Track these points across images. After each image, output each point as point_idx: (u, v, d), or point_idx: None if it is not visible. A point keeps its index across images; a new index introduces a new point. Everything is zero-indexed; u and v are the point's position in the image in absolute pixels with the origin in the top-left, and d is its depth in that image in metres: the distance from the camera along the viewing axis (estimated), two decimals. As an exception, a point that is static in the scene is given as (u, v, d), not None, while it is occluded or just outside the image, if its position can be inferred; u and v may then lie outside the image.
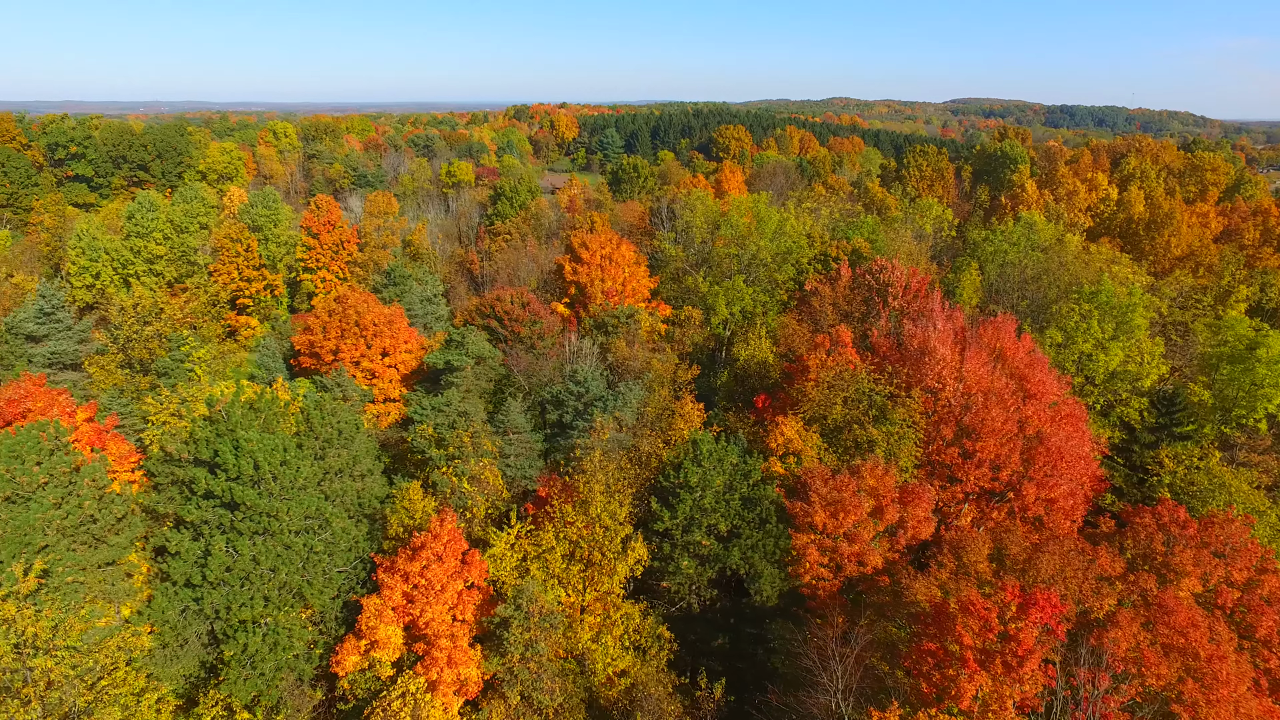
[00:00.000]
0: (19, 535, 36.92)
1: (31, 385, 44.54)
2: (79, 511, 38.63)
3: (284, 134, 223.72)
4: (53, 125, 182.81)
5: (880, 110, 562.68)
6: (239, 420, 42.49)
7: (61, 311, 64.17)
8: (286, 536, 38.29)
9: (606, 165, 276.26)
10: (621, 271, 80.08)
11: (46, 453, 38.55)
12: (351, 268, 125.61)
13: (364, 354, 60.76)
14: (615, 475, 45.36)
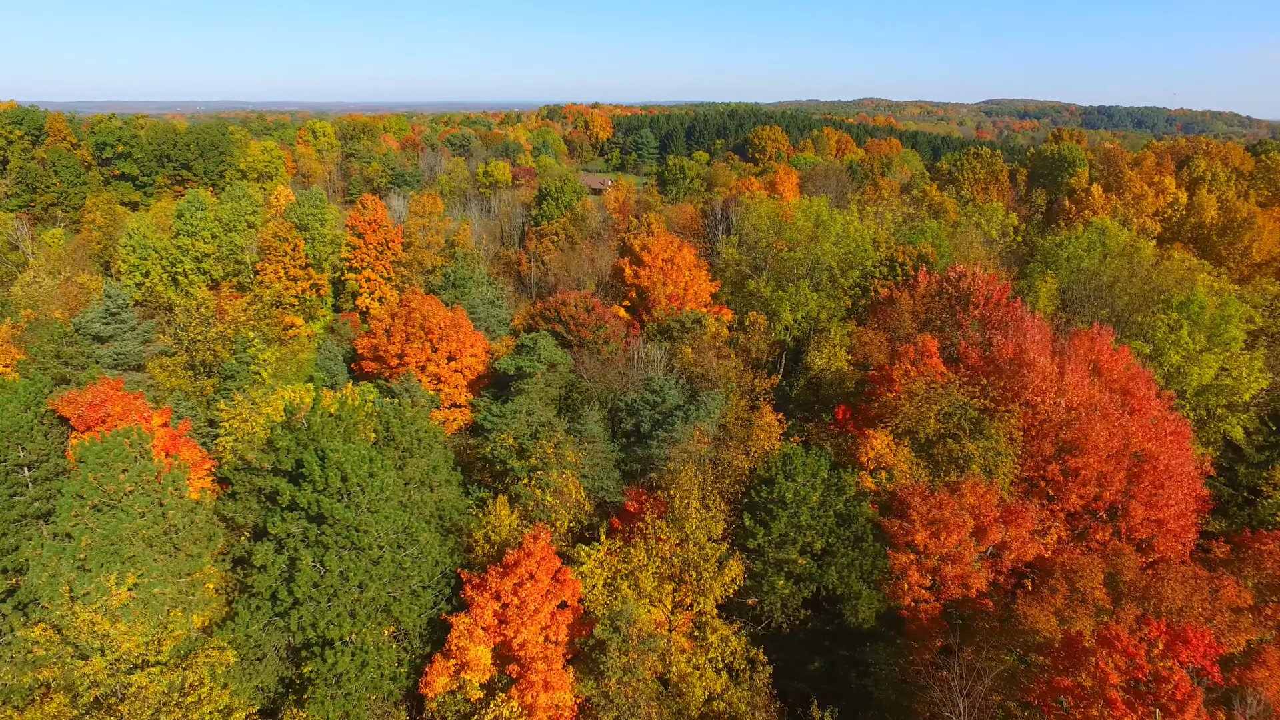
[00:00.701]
0: (107, 545, 35.90)
1: (109, 389, 43.61)
2: (163, 521, 37.56)
3: (322, 133, 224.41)
4: (100, 125, 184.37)
5: (912, 111, 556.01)
6: (320, 429, 41.28)
7: (126, 312, 63.57)
8: (375, 551, 36.93)
9: (642, 166, 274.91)
10: (683, 275, 78.42)
11: (131, 460, 37.51)
12: (396, 268, 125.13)
13: (430, 358, 59.52)
14: (709, 489, 43.61)
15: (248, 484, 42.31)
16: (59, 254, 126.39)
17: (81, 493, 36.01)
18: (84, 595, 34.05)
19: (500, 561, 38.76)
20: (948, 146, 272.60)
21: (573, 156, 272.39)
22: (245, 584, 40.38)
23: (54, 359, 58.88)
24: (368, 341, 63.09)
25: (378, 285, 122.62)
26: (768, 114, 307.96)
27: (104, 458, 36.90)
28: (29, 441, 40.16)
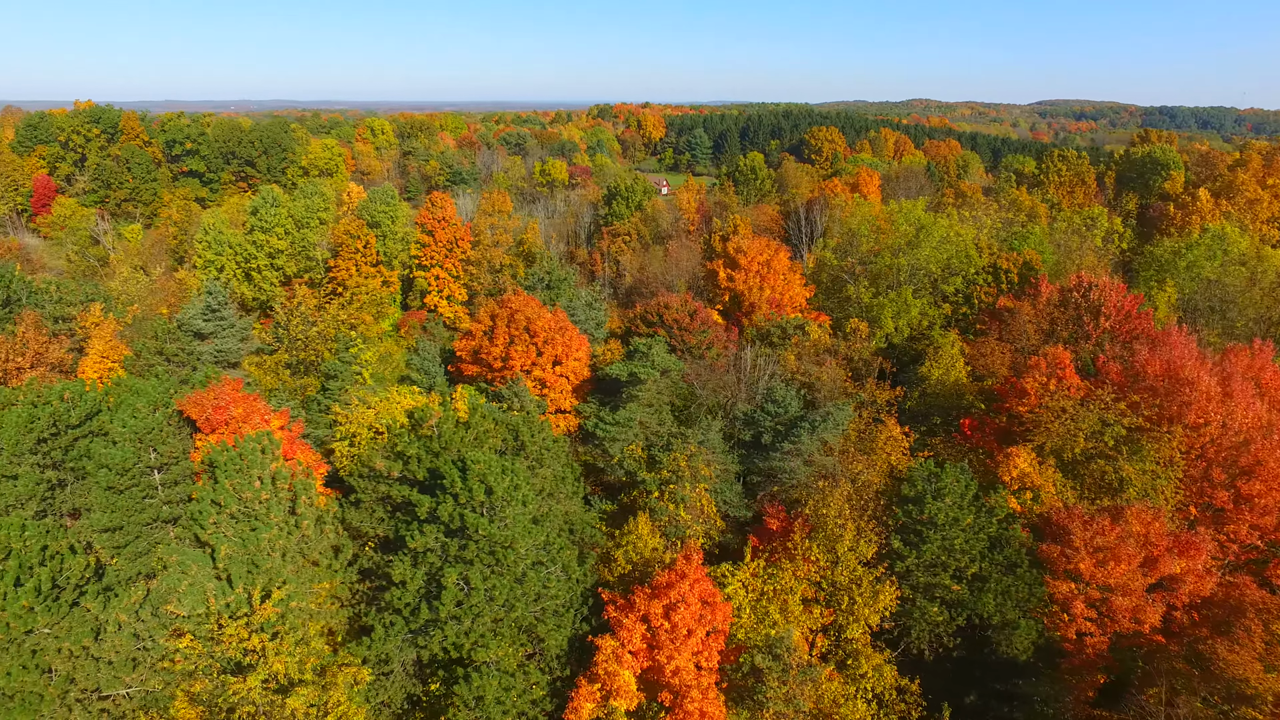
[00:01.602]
0: (247, 556, 34.51)
1: (230, 390, 42.38)
2: (296, 531, 36.10)
3: (381, 131, 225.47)
4: (170, 123, 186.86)
5: (963, 112, 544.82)
6: (451, 437, 39.61)
7: (225, 309, 62.87)
8: (519, 569, 35.07)
9: (695, 166, 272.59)
10: (779, 279, 75.90)
11: (265, 467, 36.11)
12: (465, 266, 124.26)
13: (535, 361, 57.76)
14: (855, 509, 41.15)
15: (373, 492, 40.77)
16: (137, 249, 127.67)
17: (219, 500, 34.64)
18: (227, 607, 32.65)
19: (649, 583, 36.71)
20: (1007, 148, 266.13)
21: (625, 156, 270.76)
22: (375, 598, 38.85)
23: (157, 355, 58.22)
24: (467, 343, 61.55)
25: (446, 283, 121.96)
26: (822, 114, 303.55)
27: (239, 464, 35.53)
28: (161, 444, 39.01)
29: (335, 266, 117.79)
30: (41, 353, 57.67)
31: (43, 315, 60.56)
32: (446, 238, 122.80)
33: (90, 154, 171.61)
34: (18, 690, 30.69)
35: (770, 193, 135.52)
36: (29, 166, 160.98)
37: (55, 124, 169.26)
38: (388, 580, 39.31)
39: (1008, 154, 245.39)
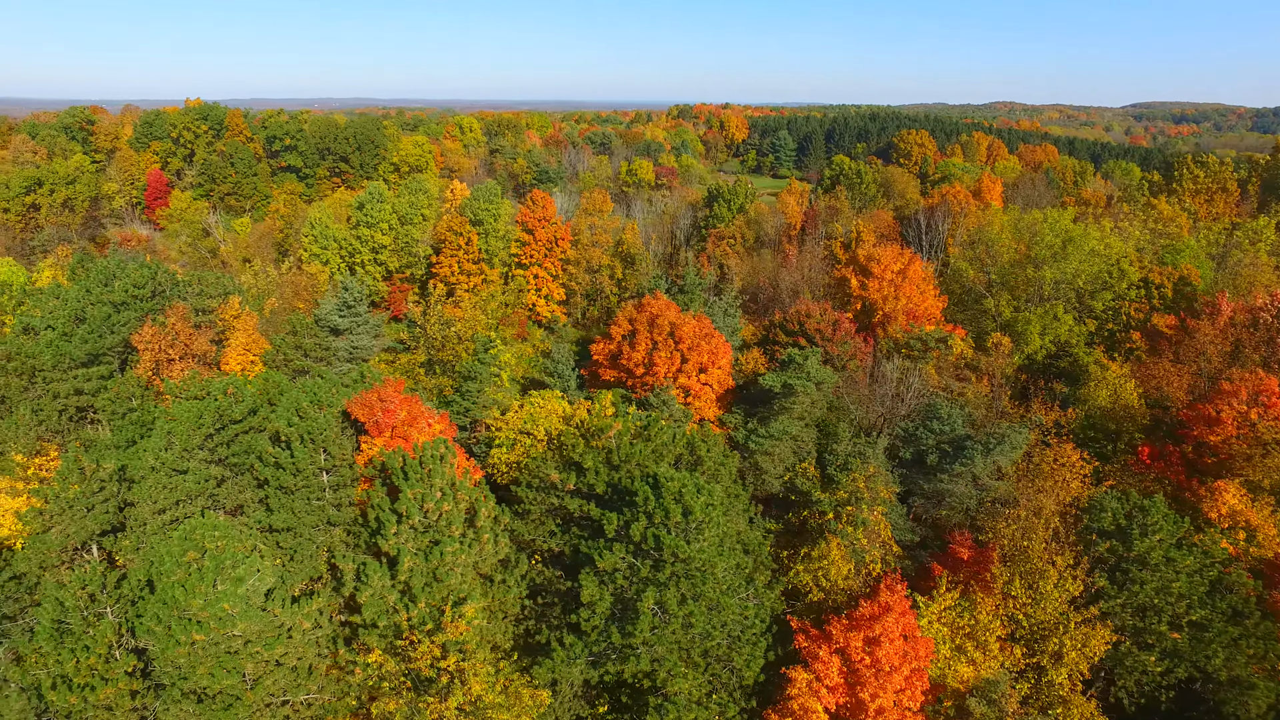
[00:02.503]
0: (429, 569, 33.25)
1: (393, 391, 41.36)
2: (476, 545, 34.70)
3: (469, 128, 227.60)
4: (270, 120, 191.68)
5: (1050, 115, 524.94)
6: (630, 450, 37.77)
7: (360, 304, 62.67)
8: (718, 594, 32.97)
9: (779, 168, 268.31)
10: (914, 289, 72.36)
11: (447, 476, 34.83)
12: (565, 266, 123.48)
13: (681, 369, 55.75)
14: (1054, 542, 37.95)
15: (541, 503, 39.23)
16: (245, 241, 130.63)
17: (402, 510, 33.44)
18: (418, 625, 31.38)
19: (845, 612, 34.26)
20: (1107, 154, 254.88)
21: (707, 157, 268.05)
22: (544, 614, 37.30)
23: (296, 350, 58.14)
24: (604, 347, 59.94)
25: (545, 283, 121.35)
26: (910, 117, 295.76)
27: (420, 472, 34.32)
28: (331, 445, 38.16)
29: (437, 263, 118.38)
30: (188, 344, 58.16)
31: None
32: (547, 237, 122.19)
33: (198, 150, 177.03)
34: (219, 691, 29.94)
35: (876, 197, 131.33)
36: (144, 162, 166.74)
37: (168, 121, 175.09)
38: (559, 597, 37.80)
39: (1108, 159, 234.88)
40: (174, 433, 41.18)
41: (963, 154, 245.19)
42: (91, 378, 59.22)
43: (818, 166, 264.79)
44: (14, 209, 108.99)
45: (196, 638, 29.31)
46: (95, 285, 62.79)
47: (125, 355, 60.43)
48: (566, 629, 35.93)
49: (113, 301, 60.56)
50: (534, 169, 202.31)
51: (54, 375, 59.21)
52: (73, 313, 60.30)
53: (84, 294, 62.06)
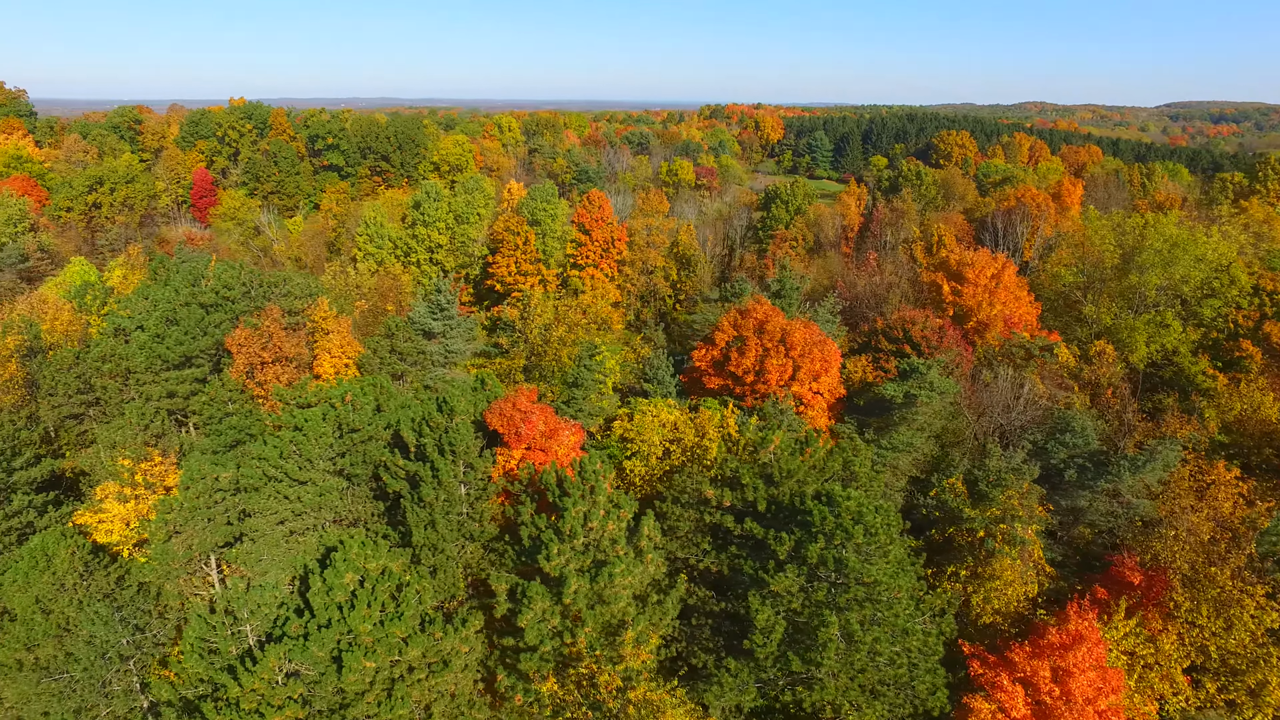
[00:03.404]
0: (594, 592, 31.60)
1: (526, 400, 39.75)
2: (639, 565, 33.02)
3: (508, 128, 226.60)
4: (313, 118, 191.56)
5: (1083, 116, 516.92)
6: (792, 465, 35.98)
7: (452, 307, 61.22)
8: (903, 620, 31.12)
9: (815, 169, 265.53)
10: (1010, 295, 70.13)
11: (609, 495, 33.18)
12: (621, 267, 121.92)
13: (793, 377, 53.85)
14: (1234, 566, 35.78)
15: (689, 520, 37.52)
16: (296, 240, 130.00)
17: (567, 530, 31.80)
18: (594, 652, 29.73)
19: (1029, 639, 32.31)
20: (1152, 155, 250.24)
21: (743, 158, 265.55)
22: (694, 636, 35.59)
23: (392, 355, 56.77)
24: (707, 353, 58.16)
25: (601, 284, 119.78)
26: (949, 118, 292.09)
27: (583, 488, 32.67)
28: (474, 458, 36.60)
29: (494, 263, 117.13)
30: (281, 347, 56.93)
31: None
32: (603, 237, 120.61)
33: (243, 148, 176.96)
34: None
35: (935, 199, 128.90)
36: (190, 161, 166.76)
37: (213, 120, 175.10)
38: (710, 618, 36.11)
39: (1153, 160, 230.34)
40: (297, 441, 39.81)
41: (1004, 155, 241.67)
42: (185, 380, 58.13)
43: (855, 167, 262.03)
44: (77, 208, 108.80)
45: (368, 665, 27.79)
46: (183, 286, 61.72)
47: (217, 357, 59.29)
48: (725, 653, 34.26)
49: (203, 303, 59.42)
50: (574, 168, 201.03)
51: (146, 377, 58.19)
52: (164, 314, 59.21)
53: (173, 295, 61.00)
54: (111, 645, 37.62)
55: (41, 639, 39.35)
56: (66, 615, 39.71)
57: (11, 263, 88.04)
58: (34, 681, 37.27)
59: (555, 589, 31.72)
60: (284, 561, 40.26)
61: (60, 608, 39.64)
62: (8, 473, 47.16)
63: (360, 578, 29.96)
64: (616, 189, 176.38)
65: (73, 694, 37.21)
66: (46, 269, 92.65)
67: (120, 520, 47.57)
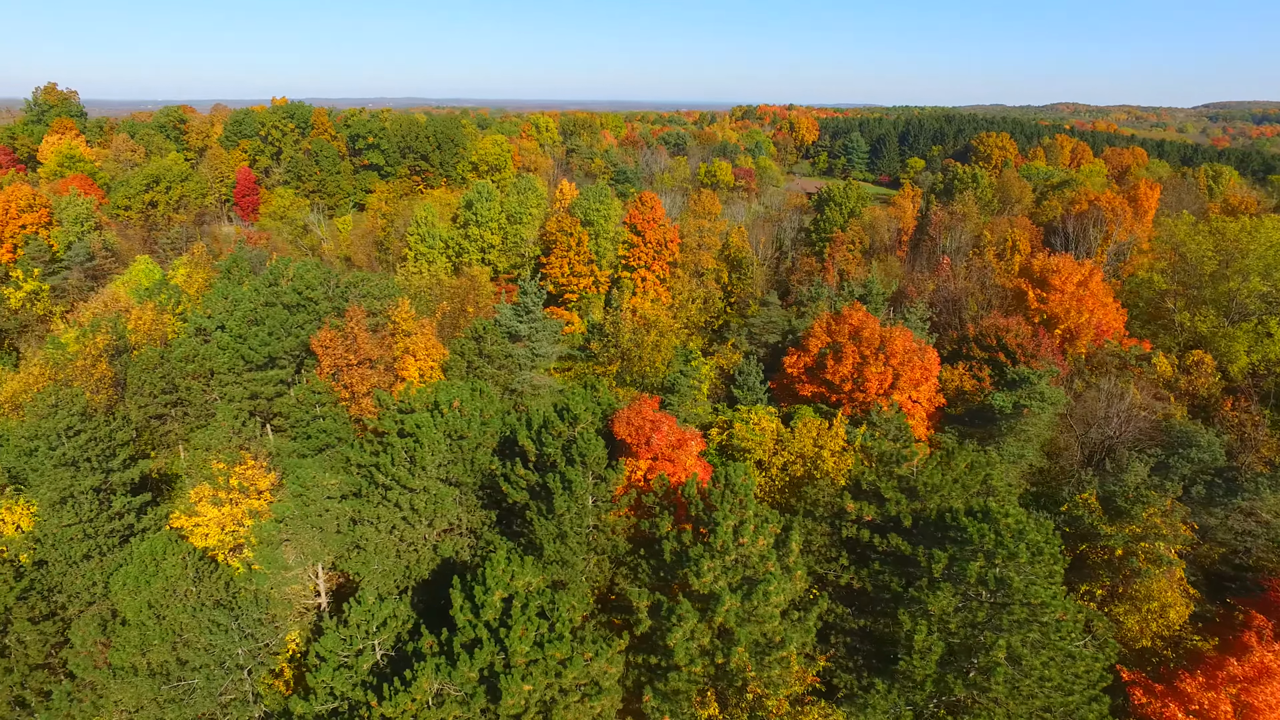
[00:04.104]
0: (746, 611, 30.32)
1: (649, 408, 38.55)
2: (790, 583, 31.69)
3: (545, 128, 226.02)
4: (354, 118, 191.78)
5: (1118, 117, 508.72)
6: (931, 478, 34.55)
7: (538, 308, 60.15)
8: (1071, 644, 29.62)
9: (851, 171, 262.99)
10: (1097, 302, 68.15)
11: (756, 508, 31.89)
12: (672, 269, 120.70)
13: (893, 385, 52.36)
14: None
15: (822, 533, 36.17)
16: (346, 239, 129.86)
17: (720, 545, 30.54)
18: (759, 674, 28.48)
19: (1202, 668, 30.69)
20: (1199, 156, 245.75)
21: (778, 159, 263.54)
22: (837, 657, 34.24)
23: (480, 358, 55.79)
24: (800, 359, 56.77)
25: (652, 286, 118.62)
26: (987, 119, 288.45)
27: (733, 501, 31.41)
28: (608, 470, 35.40)
29: (546, 264, 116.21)
30: (364, 349, 56.14)
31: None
32: (656, 239, 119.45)
33: (285, 148, 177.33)
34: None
35: (991, 202, 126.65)
36: (233, 160, 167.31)
37: (257, 119, 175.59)
38: (852, 635, 34.76)
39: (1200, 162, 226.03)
40: (408, 448, 38.84)
41: (1045, 157, 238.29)
42: (268, 381, 57.49)
43: (891, 169, 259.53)
44: (135, 206, 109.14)
45: (525, 688, 26.68)
46: (263, 286, 61.12)
47: (300, 359, 58.62)
48: (867, 672, 32.91)
49: (286, 303, 58.75)
50: (611, 169, 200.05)
51: (229, 378, 57.60)
52: (245, 314, 58.59)
53: (254, 295, 60.41)
54: (230, 654, 36.82)
55: (155, 644, 38.71)
56: (180, 621, 39.04)
57: (79, 261, 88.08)
58: (153, 687, 36.53)
59: (705, 606, 30.51)
60: (394, 571, 39.36)
61: (174, 614, 38.96)
62: (105, 473, 46.50)
63: (510, 595, 28.89)
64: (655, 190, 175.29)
65: (190, 702, 36.44)
66: (111, 267, 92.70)
67: (216, 524, 46.96)
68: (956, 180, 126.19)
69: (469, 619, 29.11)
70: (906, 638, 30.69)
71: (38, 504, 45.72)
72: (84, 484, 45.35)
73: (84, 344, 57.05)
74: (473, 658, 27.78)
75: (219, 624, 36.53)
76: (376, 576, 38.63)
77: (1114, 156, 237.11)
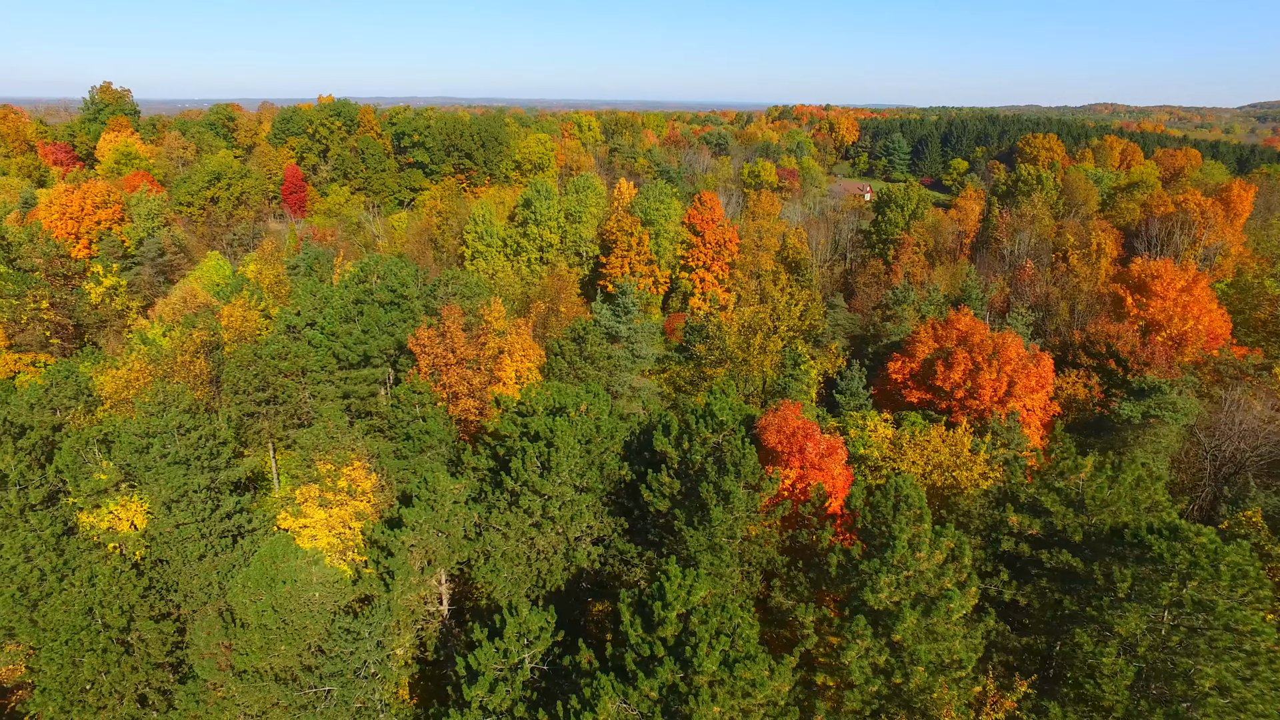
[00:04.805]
0: (923, 629, 29.03)
1: (792, 414, 37.29)
2: (962, 600, 30.30)
3: (587, 127, 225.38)
4: (399, 116, 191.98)
5: (1160, 118, 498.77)
6: (1099, 492, 33.05)
7: (635, 309, 59.11)
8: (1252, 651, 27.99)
9: (892, 172, 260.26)
10: (1203, 309, 66.02)
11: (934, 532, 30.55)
12: (731, 270, 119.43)
13: (1007, 392, 50.77)
14: None
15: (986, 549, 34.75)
16: (402, 237, 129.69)
17: (898, 560, 29.23)
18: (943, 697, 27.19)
19: None
20: (1257, 158, 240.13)
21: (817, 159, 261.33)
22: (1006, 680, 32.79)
23: (582, 359, 54.81)
24: (906, 365, 55.31)
25: (711, 287, 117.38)
26: (1033, 121, 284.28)
27: (909, 514, 30.10)
28: (765, 480, 34.17)
29: (606, 263, 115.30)
30: (462, 349, 55.34)
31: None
32: (715, 239, 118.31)
33: (332, 145, 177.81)
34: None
35: (1057, 205, 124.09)
36: (281, 157, 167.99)
37: (304, 117, 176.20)
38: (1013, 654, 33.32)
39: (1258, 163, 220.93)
40: (541, 452, 37.83)
41: (1094, 159, 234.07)
42: (362, 380, 56.85)
43: (933, 170, 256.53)
44: (197, 202, 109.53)
45: (714, 710, 25.54)
46: (352, 283, 60.55)
47: (395, 358, 57.94)
48: (1038, 695, 31.45)
49: (380, 301, 58.09)
50: (654, 168, 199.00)
51: (321, 376, 57.05)
52: (338, 312, 58.01)
53: (343, 292, 59.83)
54: (363, 662, 36.02)
55: (281, 648, 38.08)
56: (305, 625, 38.38)
57: (151, 257, 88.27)
58: (282, 692, 35.84)
59: (880, 623, 29.24)
60: (524, 579, 38.38)
61: (298, 618, 38.30)
62: (214, 471, 45.97)
63: (687, 610, 27.78)
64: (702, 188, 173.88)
65: (322, 709, 35.71)
66: (179, 263, 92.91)
67: (324, 526, 46.30)
68: (1020, 182, 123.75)
69: (641, 636, 28.00)
70: (1089, 660, 29.25)
71: (150, 502, 45.25)
72: (196, 482, 44.84)
73: (181, 340, 56.70)
74: (652, 676, 26.68)
75: (353, 631, 35.69)
76: (507, 585, 37.66)
77: (1166, 158, 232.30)
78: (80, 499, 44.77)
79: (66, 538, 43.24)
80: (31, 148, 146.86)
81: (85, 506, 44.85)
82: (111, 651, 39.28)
